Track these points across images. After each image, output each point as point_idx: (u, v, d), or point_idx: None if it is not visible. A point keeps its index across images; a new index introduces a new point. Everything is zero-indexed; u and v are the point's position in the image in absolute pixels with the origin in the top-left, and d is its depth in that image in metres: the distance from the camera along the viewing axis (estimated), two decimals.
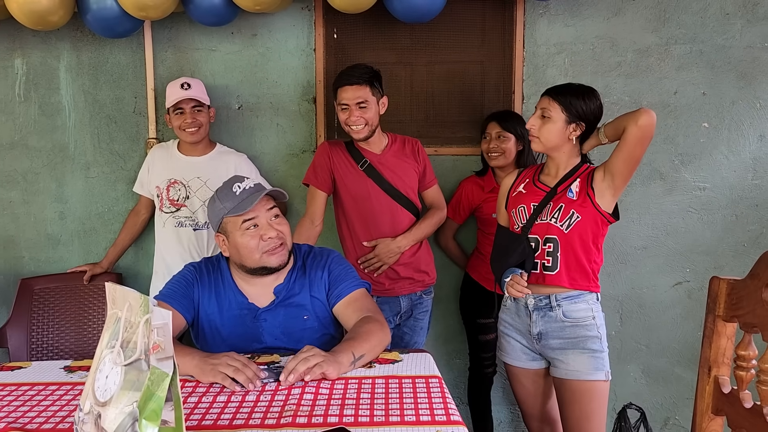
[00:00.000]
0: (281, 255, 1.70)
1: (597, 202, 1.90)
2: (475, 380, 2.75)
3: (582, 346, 1.92)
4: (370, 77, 2.28)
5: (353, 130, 2.30)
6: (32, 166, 2.86)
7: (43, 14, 2.35)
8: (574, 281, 1.93)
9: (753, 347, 1.23)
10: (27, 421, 1.28)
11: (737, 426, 1.23)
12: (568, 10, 2.71)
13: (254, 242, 1.67)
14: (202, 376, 1.44)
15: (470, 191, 2.63)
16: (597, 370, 1.91)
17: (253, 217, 1.67)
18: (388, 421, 1.21)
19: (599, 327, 1.94)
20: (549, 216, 1.93)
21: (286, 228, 1.74)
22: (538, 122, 1.94)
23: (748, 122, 2.71)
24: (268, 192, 1.70)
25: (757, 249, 2.73)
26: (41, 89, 2.82)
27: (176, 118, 2.52)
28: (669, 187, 2.77)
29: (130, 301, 0.99)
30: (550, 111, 1.92)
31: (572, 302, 1.93)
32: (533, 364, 2.05)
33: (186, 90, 2.49)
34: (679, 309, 2.82)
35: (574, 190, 1.92)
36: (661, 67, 2.72)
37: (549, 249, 1.92)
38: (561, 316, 1.93)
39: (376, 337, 1.59)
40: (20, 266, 2.91)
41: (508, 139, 2.47)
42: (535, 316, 1.96)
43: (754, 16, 2.67)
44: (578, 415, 1.93)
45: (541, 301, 1.95)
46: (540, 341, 1.98)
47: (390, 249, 2.35)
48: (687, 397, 2.84)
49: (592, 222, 1.91)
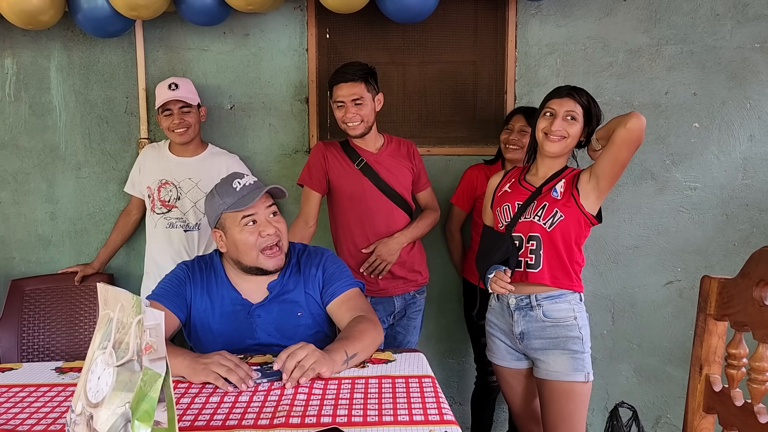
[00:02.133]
0: (278, 258, 1.70)
1: (581, 203, 1.91)
2: (482, 391, 2.72)
3: (563, 347, 1.92)
4: (365, 74, 2.29)
5: (349, 127, 2.30)
6: (23, 167, 2.84)
7: (33, 13, 2.34)
8: (556, 279, 1.93)
9: (744, 346, 1.24)
10: (18, 422, 1.27)
11: (728, 424, 1.23)
12: (560, 10, 2.72)
13: (252, 238, 1.67)
14: (194, 376, 1.44)
15: (475, 177, 2.62)
16: (576, 371, 1.91)
17: (252, 214, 1.68)
18: (382, 420, 1.21)
19: (581, 328, 1.94)
20: (532, 214, 1.94)
21: (284, 226, 1.74)
22: (566, 123, 1.92)
23: (739, 122, 2.73)
24: (268, 189, 1.70)
25: (747, 248, 2.75)
26: (32, 89, 2.81)
27: (164, 119, 2.51)
28: (660, 187, 2.78)
29: (122, 302, 0.98)
30: (576, 113, 1.92)
31: (553, 302, 1.93)
32: (517, 363, 2.05)
33: (173, 90, 2.48)
34: (671, 308, 2.84)
35: (559, 190, 1.93)
36: (652, 68, 2.73)
37: (532, 247, 1.94)
38: (541, 316, 1.93)
39: (369, 336, 1.59)
40: (11, 267, 2.89)
41: (528, 134, 2.47)
42: (517, 316, 1.97)
43: (744, 17, 2.69)
44: (556, 415, 1.94)
45: (522, 300, 1.96)
46: (522, 341, 1.98)
47: (390, 247, 2.35)
48: (678, 395, 2.86)
49: (575, 222, 1.92)
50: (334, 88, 2.30)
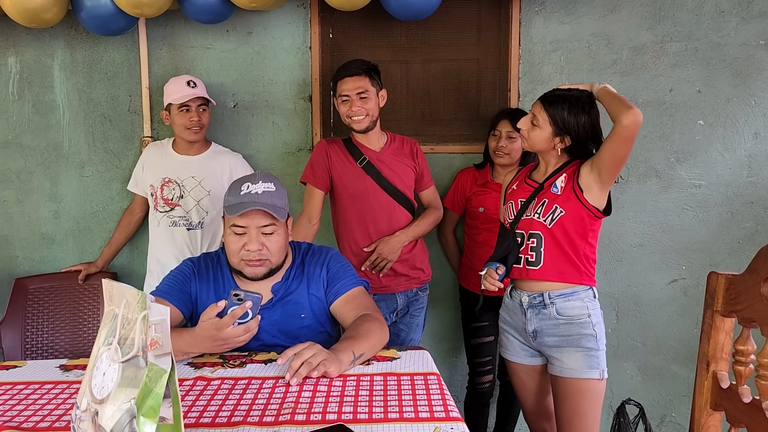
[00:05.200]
0: (257, 269, 1.68)
1: (584, 197, 1.89)
2: (472, 396, 2.70)
3: (577, 344, 1.92)
4: (369, 69, 2.30)
5: (354, 121, 2.30)
6: (26, 165, 2.84)
7: (36, 12, 2.34)
8: (562, 274, 1.92)
9: (751, 342, 1.22)
10: (23, 420, 1.27)
11: (736, 421, 1.22)
12: (563, 7, 2.71)
13: (235, 247, 1.67)
14: (213, 350, 1.53)
15: (464, 181, 2.65)
16: (591, 368, 1.91)
17: (243, 225, 1.66)
18: (387, 417, 1.20)
19: (595, 325, 1.93)
20: (533, 212, 1.95)
21: (276, 245, 1.68)
22: (529, 125, 1.96)
23: (743, 119, 2.72)
24: (266, 209, 1.64)
25: (752, 246, 2.74)
26: (35, 87, 2.81)
27: (181, 116, 2.49)
28: (664, 185, 2.77)
29: (127, 298, 0.98)
30: (539, 119, 1.94)
31: (566, 300, 1.93)
32: (531, 360, 2.05)
33: (193, 88, 2.48)
34: (675, 306, 2.83)
35: (559, 185, 1.93)
36: (657, 65, 2.72)
37: (532, 244, 1.94)
38: (555, 314, 1.93)
39: (375, 335, 1.58)
40: (14, 266, 2.89)
41: (516, 139, 2.45)
42: (530, 314, 1.97)
43: (749, 14, 2.67)
44: (570, 412, 1.93)
45: (534, 298, 1.96)
46: (536, 339, 1.98)
47: (391, 245, 2.34)
48: (683, 394, 2.85)
49: (577, 217, 1.90)
50: (338, 83, 2.31)
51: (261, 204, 1.63)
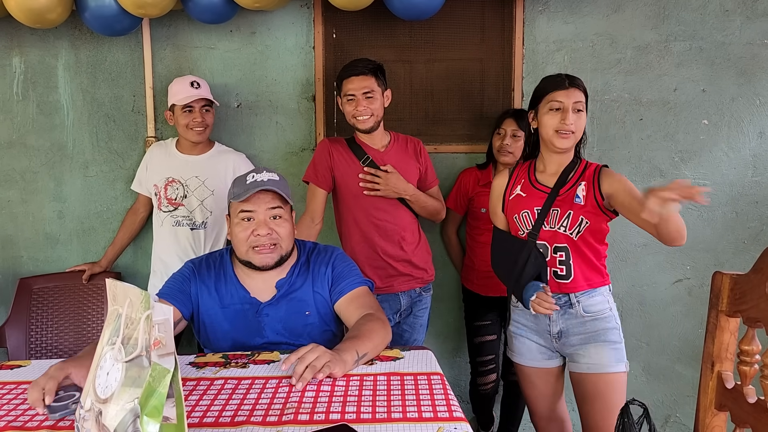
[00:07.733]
0: (267, 256, 1.68)
1: (604, 205, 1.86)
2: (476, 395, 2.71)
3: (602, 339, 1.89)
4: (374, 68, 2.30)
5: (359, 121, 2.30)
6: (30, 165, 2.85)
7: (41, 12, 2.34)
8: (590, 281, 1.91)
9: (756, 342, 1.22)
10: (27, 419, 1.27)
11: (741, 421, 1.22)
12: (567, 7, 2.71)
13: (243, 235, 1.67)
14: None
15: (466, 182, 2.64)
16: (618, 361, 1.88)
17: (250, 210, 1.67)
18: (390, 417, 1.20)
19: (615, 318, 1.92)
20: (557, 224, 1.88)
21: (285, 230, 1.70)
22: (574, 117, 1.85)
23: (748, 119, 2.71)
24: (273, 189, 1.67)
25: (757, 246, 2.73)
26: (39, 88, 2.81)
27: (184, 116, 2.50)
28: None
29: (130, 298, 0.98)
30: (582, 103, 1.86)
31: (589, 297, 1.90)
32: (549, 363, 2.00)
33: (197, 89, 2.49)
34: (680, 306, 2.82)
35: (581, 194, 1.86)
36: (661, 64, 2.71)
37: (561, 258, 1.88)
38: (581, 312, 1.90)
39: (378, 335, 1.58)
40: (19, 266, 2.90)
41: (520, 138, 2.45)
42: (555, 316, 1.92)
43: (753, 13, 2.67)
44: (602, 407, 1.87)
45: (560, 299, 1.91)
46: (560, 339, 1.94)
47: (396, 185, 2.31)
48: (688, 394, 2.84)
49: (599, 224, 1.88)
50: (344, 82, 2.30)
51: (267, 186, 1.66)
